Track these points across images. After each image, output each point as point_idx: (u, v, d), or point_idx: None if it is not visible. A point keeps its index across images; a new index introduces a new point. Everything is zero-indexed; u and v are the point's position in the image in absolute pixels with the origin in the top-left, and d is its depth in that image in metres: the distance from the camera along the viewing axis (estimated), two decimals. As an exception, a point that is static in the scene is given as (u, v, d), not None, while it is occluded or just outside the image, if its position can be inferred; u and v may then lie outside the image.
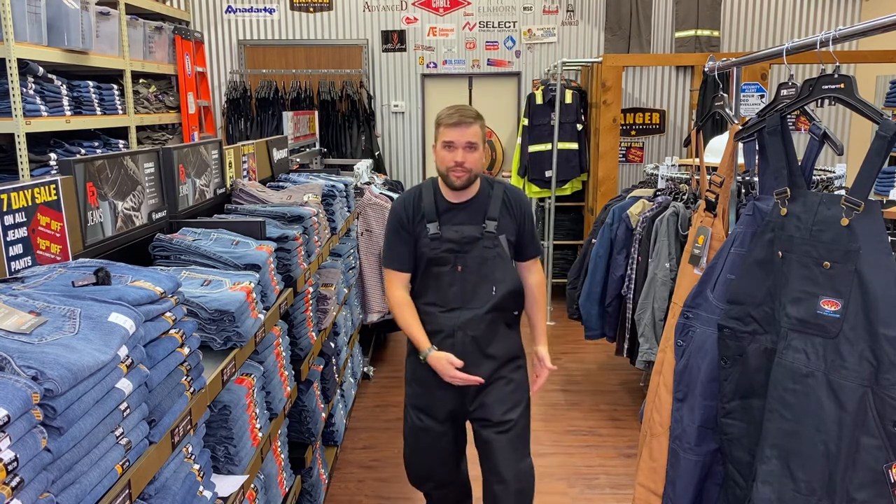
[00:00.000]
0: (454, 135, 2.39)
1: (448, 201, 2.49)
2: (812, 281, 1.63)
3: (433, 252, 2.46)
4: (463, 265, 2.46)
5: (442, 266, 2.47)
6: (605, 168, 5.87)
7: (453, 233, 2.46)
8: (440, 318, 2.48)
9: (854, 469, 1.54)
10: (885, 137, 1.51)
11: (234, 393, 1.95)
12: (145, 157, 2.25)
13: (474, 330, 2.46)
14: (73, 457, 1.09)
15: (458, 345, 2.46)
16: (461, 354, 2.44)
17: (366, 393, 4.56)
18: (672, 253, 3.62)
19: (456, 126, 2.39)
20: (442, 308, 2.49)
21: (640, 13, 6.60)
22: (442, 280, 2.48)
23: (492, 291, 2.47)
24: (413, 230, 2.50)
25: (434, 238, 2.46)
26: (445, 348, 2.45)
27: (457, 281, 2.47)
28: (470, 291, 2.47)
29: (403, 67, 6.85)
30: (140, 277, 1.48)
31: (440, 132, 2.43)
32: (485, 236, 2.46)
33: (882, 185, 5.20)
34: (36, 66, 4.01)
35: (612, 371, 4.91)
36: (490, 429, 2.49)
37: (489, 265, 2.47)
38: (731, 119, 2.40)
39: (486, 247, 2.47)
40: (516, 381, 2.54)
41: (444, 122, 2.42)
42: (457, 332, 2.46)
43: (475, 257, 2.46)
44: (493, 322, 2.49)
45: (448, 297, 2.48)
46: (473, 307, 2.47)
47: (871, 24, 1.62)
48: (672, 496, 2.10)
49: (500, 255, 2.49)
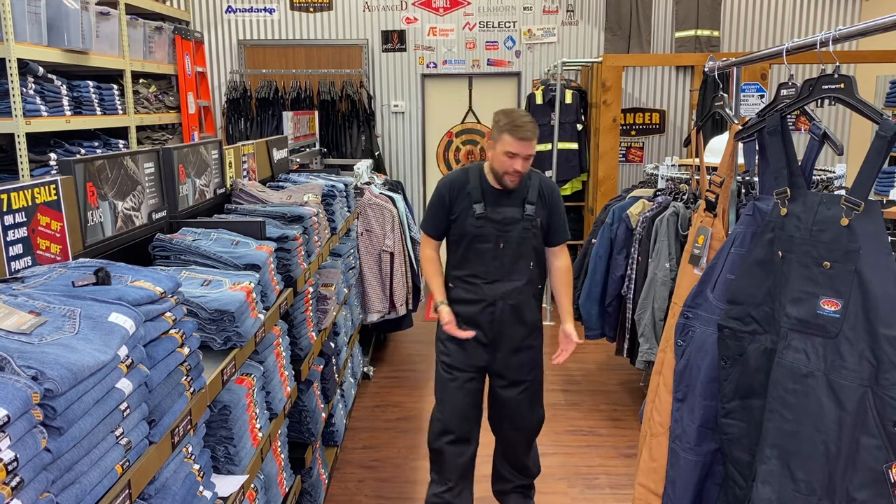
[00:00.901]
0: (518, 147, 2.65)
1: (493, 188, 2.81)
2: (812, 281, 1.63)
3: (478, 230, 2.79)
4: (505, 242, 2.79)
5: (485, 243, 2.79)
6: (605, 168, 5.87)
7: (497, 214, 2.78)
8: (483, 289, 2.81)
9: (854, 469, 1.54)
10: (885, 137, 1.51)
11: (234, 393, 1.95)
12: (145, 157, 2.25)
13: (513, 300, 2.81)
14: (73, 457, 1.09)
15: (498, 312, 2.81)
16: (500, 321, 2.81)
17: (366, 393, 4.56)
18: (672, 253, 3.62)
19: (521, 141, 2.64)
20: (485, 280, 2.81)
21: (640, 13, 6.60)
22: (485, 255, 2.80)
23: (529, 266, 2.83)
24: (452, 209, 2.82)
25: (480, 217, 2.78)
26: (486, 316, 2.81)
27: (499, 256, 2.79)
28: (509, 266, 2.80)
29: (403, 67, 6.85)
30: (140, 277, 1.48)
31: (504, 140, 2.66)
32: (524, 218, 2.79)
33: (882, 185, 5.20)
34: (36, 66, 4.01)
35: (612, 371, 4.91)
36: (509, 388, 2.90)
37: (527, 244, 2.81)
38: (731, 119, 2.39)
39: (525, 227, 2.80)
40: (536, 347, 2.93)
41: (512, 133, 2.65)
42: (498, 302, 2.81)
43: (515, 237, 2.79)
44: (527, 293, 2.84)
45: (491, 270, 2.80)
46: (514, 280, 2.81)
47: (871, 24, 1.62)
48: (672, 496, 2.10)
49: (535, 235, 2.83)
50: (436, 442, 2.94)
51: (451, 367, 2.88)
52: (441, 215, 2.85)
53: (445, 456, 2.92)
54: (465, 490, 2.97)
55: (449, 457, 2.91)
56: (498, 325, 2.82)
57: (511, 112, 2.71)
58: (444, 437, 2.91)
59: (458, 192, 2.82)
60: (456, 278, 2.87)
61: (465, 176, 2.84)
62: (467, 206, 2.79)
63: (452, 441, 2.90)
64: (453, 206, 2.82)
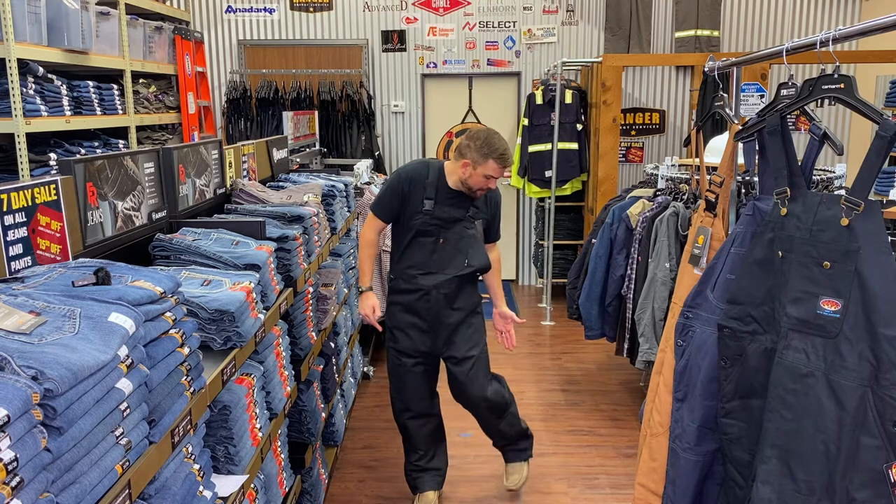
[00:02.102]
0: (499, 173, 2.95)
1: (448, 188, 3.02)
2: (812, 281, 1.63)
3: (423, 224, 3.00)
4: (445, 238, 3.03)
5: (427, 237, 3.02)
6: (605, 168, 5.87)
7: (443, 212, 3.00)
8: (419, 280, 3.05)
9: (854, 469, 1.54)
10: (885, 137, 1.51)
11: (234, 393, 1.95)
12: (145, 157, 2.25)
13: (446, 289, 3.05)
14: (73, 457, 1.09)
15: (432, 300, 3.05)
16: (435, 308, 3.06)
17: (366, 393, 4.56)
18: (672, 253, 3.62)
19: (504, 167, 2.95)
20: (422, 271, 3.05)
21: (640, 13, 6.59)
22: (425, 248, 3.03)
23: (464, 263, 3.06)
24: (405, 198, 3.01)
25: (427, 213, 2.99)
26: (423, 303, 3.06)
27: (438, 250, 3.03)
28: (447, 260, 3.04)
29: (403, 67, 6.84)
30: (140, 277, 1.48)
31: (489, 165, 2.91)
32: (466, 219, 3.04)
33: (882, 185, 5.20)
34: (36, 66, 4.01)
35: (612, 371, 4.91)
36: (458, 365, 3.11)
37: (465, 242, 3.06)
38: (731, 119, 2.39)
39: (466, 227, 3.05)
40: (475, 324, 3.16)
41: (499, 161, 2.92)
42: (432, 291, 3.04)
43: (455, 234, 3.04)
44: (460, 284, 3.08)
45: (429, 262, 3.04)
46: (447, 273, 3.04)
47: (871, 24, 1.61)
48: (672, 496, 2.10)
49: (474, 235, 3.09)
50: (399, 418, 3.24)
51: (400, 352, 3.13)
52: (395, 201, 3.03)
53: (410, 430, 3.23)
54: (436, 455, 3.29)
55: (413, 430, 3.23)
56: (434, 312, 3.06)
57: (492, 139, 2.93)
58: (405, 413, 3.21)
59: (415, 184, 3.01)
60: (397, 270, 3.10)
61: (426, 171, 3.03)
62: (419, 200, 3.00)
63: (413, 417, 3.21)
64: (408, 196, 3.01)
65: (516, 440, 3.37)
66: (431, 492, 3.25)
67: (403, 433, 3.27)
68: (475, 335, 3.15)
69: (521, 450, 3.40)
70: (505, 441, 3.35)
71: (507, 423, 3.29)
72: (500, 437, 3.33)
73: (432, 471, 3.27)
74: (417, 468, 3.26)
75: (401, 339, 3.12)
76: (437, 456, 3.30)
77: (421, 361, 3.14)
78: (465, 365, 3.11)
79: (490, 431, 3.32)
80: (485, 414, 3.23)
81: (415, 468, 3.27)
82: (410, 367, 3.13)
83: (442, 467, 3.32)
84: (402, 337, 3.11)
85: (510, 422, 3.30)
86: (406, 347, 3.11)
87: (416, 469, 3.27)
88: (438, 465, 3.30)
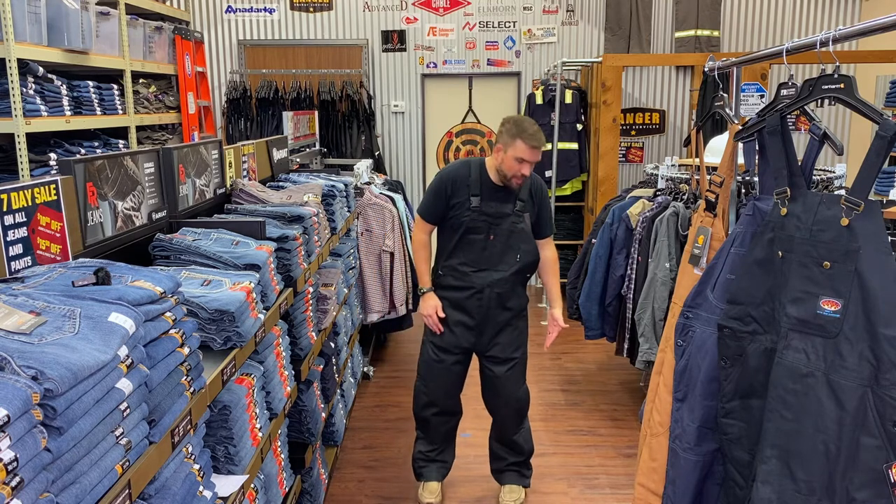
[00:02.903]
0: (529, 155, 2.89)
1: (492, 183, 3.01)
2: (812, 281, 1.63)
3: (472, 221, 3.00)
4: (495, 234, 3.01)
5: (477, 234, 3.01)
6: (605, 168, 5.87)
7: (491, 208, 3.00)
8: (472, 277, 3.04)
9: (854, 469, 1.54)
10: (885, 137, 1.51)
11: (234, 393, 1.95)
12: (145, 157, 2.25)
13: (500, 288, 3.04)
14: (73, 457, 1.09)
15: (485, 299, 3.04)
16: (486, 307, 3.04)
17: (366, 393, 4.56)
18: (672, 253, 3.62)
19: (534, 149, 2.89)
20: (474, 268, 3.04)
21: (640, 13, 6.59)
22: (475, 245, 3.02)
23: (516, 258, 3.04)
24: (451, 198, 3.02)
25: (475, 210, 2.99)
26: (474, 302, 3.04)
27: (489, 247, 3.02)
28: (498, 256, 3.03)
29: (403, 67, 6.84)
30: (140, 277, 1.48)
31: (517, 146, 2.87)
32: (514, 213, 3.02)
33: (882, 185, 5.20)
34: (36, 66, 4.01)
35: (612, 371, 4.91)
36: (499, 365, 3.11)
37: (515, 237, 3.03)
38: (731, 119, 2.39)
39: (514, 222, 3.02)
40: (520, 328, 3.16)
41: (527, 141, 2.87)
42: (485, 289, 3.03)
43: (505, 230, 3.01)
44: (513, 282, 3.06)
45: (480, 259, 3.03)
46: (501, 269, 3.03)
47: (871, 24, 1.61)
48: (672, 496, 2.10)
49: (524, 229, 3.05)
50: (422, 412, 3.23)
51: (440, 348, 3.11)
52: (440, 203, 3.04)
53: (431, 424, 3.24)
54: (447, 448, 3.32)
55: (434, 425, 3.23)
56: (484, 311, 3.05)
57: (522, 121, 2.93)
58: (430, 408, 3.20)
59: (459, 183, 3.02)
60: (446, 267, 3.08)
61: (467, 170, 3.04)
62: (465, 198, 3.00)
63: (437, 413, 3.21)
64: (452, 196, 3.02)
65: (525, 459, 3.30)
66: (435, 482, 3.29)
67: (422, 425, 3.27)
68: (520, 337, 3.15)
69: (524, 475, 3.33)
70: (515, 457, 3.28)
71: (522, 436, 3.26)
72: (513, 450, 3.26)
73: (440, 463, 3.31)
74: (427, 458, 3.29)
75: (444, 334, 3.10)
76: (448, 450, 3.33)
77: (459, 360, 3.14)
78: (506, 365, 3.11)
79: (506, 443, 3.26)
80: (510, 417, 3.19)
81: (424, 458, 3.30)
82: (449, 364, 3.12)
83: (449, 460, 3.35)
84: (447, 332, 3.09)
85: (525, 437, 3.28)
86: (448, 344, 3.10)
87: (424, 459, 3.29)
88: (447, 458, 3.33)
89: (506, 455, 3.29)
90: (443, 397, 3.17)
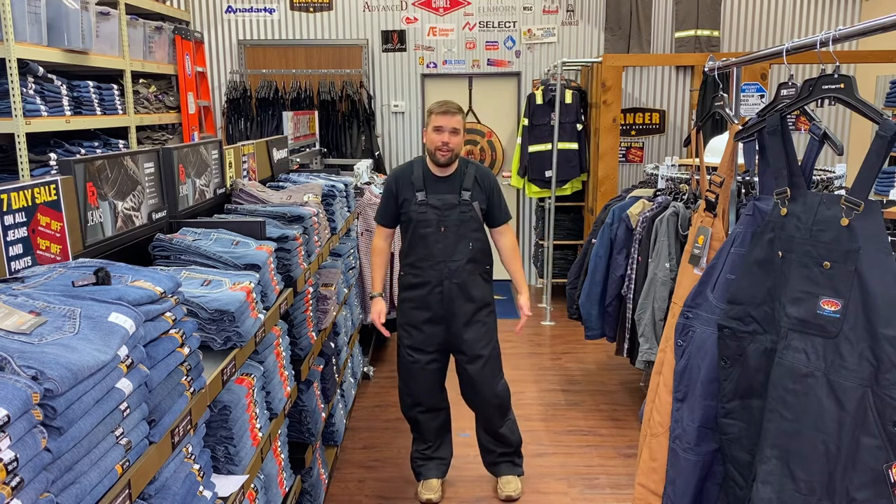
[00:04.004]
0: (442, 121, 3.00)
1: (433, 174, 3.10)
2: (812, 281, 1.63)
3: (421, 215, 3.07)
4: (445, 226, 3.07)
5: (428, 227, 3.07)
6: (605, 168, 5.87)
7: (437, 200, 3.07)
8: (429, 272, 3.10)
9: (854, 469, 1.54)
10: (885, 137, 1.51)
11: (234, 393, 1.95)
12: (145, 157, 2.25)
13: (458, 278, 3.09)
14: (73, 457, 1.09)
15: (445, 292, 3.10)
16: (448, 299, 3.09)
17: (366, 393, 4.56)
18: (672, 253, 3.62)
19: (444, 114, 3.01)
20: (430, 262, 3.09)
21: (640, 13, 6.59)
22: (429, 239, 3.08)
23: (469, 246, 3.09)
24: (399, 197, 3.12)
25: (421, 203, 3.07)
26: (435, 296, 3.10)
27: (441, 239, 3.07)
28: (452, 247, 3.08)
29: (403, 67, 6.84)
30: (140, 277, 1.48)
31: (431, 119, 3.05)
32: (461, 203, 3.08)
33: (882, 185, 5.20)
34: (36, 66, 4.01)
35: (612, 371, 4.91)
36: (469, 362, 3.16)
37: (465, 226, 3.09)
38: (731, 119, 2.39)
39: (463, 211, 3.08)
40: (489, 323, 3.20)
41: (435, 111, 3.04)
42: (444, 282, 3.09)
43: (454, 220, 3.07)
44: (471, 272, 3.11)
45: (434, 252, 3.08)
46: (456, 259, 3.08)
47: (871, 24, 1.61)
48: (672, 496, 2.10)
49: (473, 217, 3.10)
50: (409, 412, 3.31)
51: (413, 348, 3.18)
52: (391, 204, 3.16)
53: (421, 423, 3.31)
54: (443, 444, 3.37)
55: (424, 423, 3.30)
56: (447, 304, 3.10)
57: (438, 101, 3.09)
58: (415, 408, 3.28)
59: (402, 181, 3.13)
60: (406, 265, 3.17)
61: (410, 168, 3.16)
62: (411, 194, 3.09)
63: (424, 411, 3.28)
64: (399, 194, 3.12)
65: (515, 449, 3.37)
66: (435, 479, 3.31)
67: (413, 424, 3.34)
68: (489, 333, 3.19)
69: (517, 464, 3.38)
70: (504, 448, 3.34)
71: (508, 427, 3.31)
72: (501, 442, 3.32)
73: (437, 460, 3.35)
74: (424, 456, 3.34)
75: (414, 335, 3.17)
76: (443, 446, 3.37)
77: (434, 359, 3.19)
78: (478, 363, 3.16)
79: (492, 435, 3.31)
80: (491, 413, 3.25)
81: (421, 456, 3.35)
82: (424, 364, 3.18)
83: (447, 457, 3.39)
84: (416, 333, 3.16)
85: (511, 427, 3.33)
86: (419, 343, 3.16)
87: (422, 457, 3.34)
88: (444, 454, 3.37)
89: (494, 447, 3.35)
90: (425, 395, 3.24)
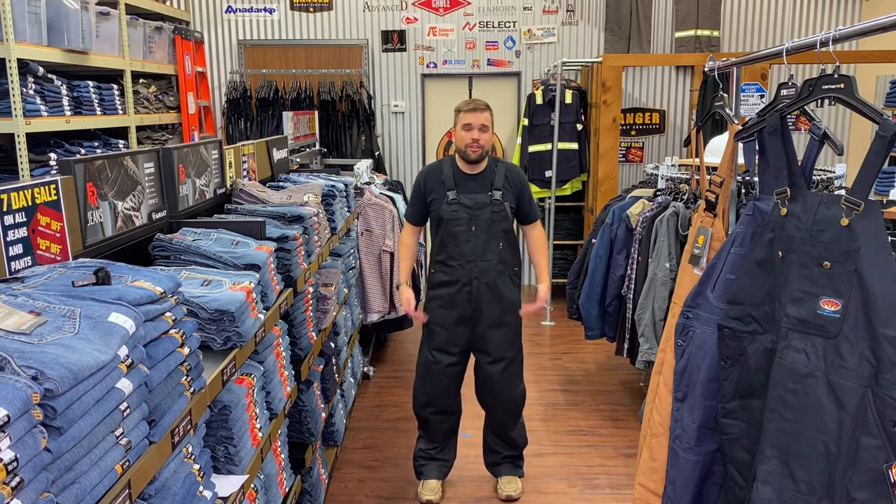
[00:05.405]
0: (471, 118, 3.04)
1: (463, 173, 3.11)
2: (812, 281, 1.63)
3: (452, 214, 3.07)
4: (476, 225, 3.07)
5: (458, 226, 3.07)
6: (605, 168, 5.87)
7: (468, 199, 3.07)
8: (459, 271, 3.09)
9: (854, 469, 1.54)
10: (885, 137, 1.51)
11: (234, 393, 1.95)
12: (145, 157, 2.25)
13: (487, 278, 3.08)
14: (73, 457, 1.09)
15: (474, 291, 3.09)
16: (477, 299, 3.08)
17: (366, 393, 4.56)
18: (672, 253, 3.62)
19: (472, 111, 3.05)
20: (460, 261, 3.08)
21: (640, 13, 6.59)
22: (459, 238, 3.07)
23: (499, 246, 3.09)
24: (428, 196, 3.13)
25: (452, 202, 3.07)
26: (464, 295, 3.09)
27: (471, 238, 3.07)
28: (482, 246, 3.07)
29: (403, 67, 6.84)
30: (140, 277, 1.48)
31: (460, 117, 3.07)
32: (492, 202, 3.08)
33: (882, 185, 5.20)
34: (36, 66, 4.01)
35: (612, 371, 4.91)
36: (491, 363, 3.15)
37: (496, 226, 3.08)
38: (731, 119, 2.39)
39: (494, 211, 3.08)
40: (514, 326, 3.18)
41: (463, 108, 3.07)
42: (473, 281, 3.08)
43: (485, 219, 3.07)
44: (501, 273, 3.10)
45: (465, 251, 3.07)
46: (486, 259, 3.08)
47: (871, 24, 1.61)
48: (672, 496, 2.10)
49: (504, 217, 3.11)
50: (421, 411, 3.28)
51: (436, 349, 3.16)
52: (419, 202, 3.18)
53: (431, 423, 3.29)
54: (448, 446, 3.36)
55: (434, 424, 3.28)
56: (476, 303, 3.09)
57: (466, 100, 3.13)
58: (428, 408, 3.25)
59: (433, 180, 3.13)
60: (436, 262, 3.15)
61: (440, 166, 3.17)
62: (442, 193, 3.09)
63: (436, 412, 3.26)
64: (429, 193, 3.13)
65: (520, 452, 3.39)
66: (435, 480, 3.31)
67: (422, 423, 3.32)
68: (514, 337, 3.19)
69: (518, 465, 3.40)
70: (510, 451, 3.35)
71: (518, 432, 3.32)
72: (508, 445, 3.33)
73: (440, 461, 3.34)
74: (427, 456, 3.33)
75: (439, 334, 3.15)
76: (448, 448, 3.36)
77: (455, 361, 3.18)
78: (500, 364, 3.15)
79: (501, 438, 3.32)
80: (505, 416, 3.25)
81: (425, 455, 3.33)
82: (444, 366, 3.16)
83: (450, 459, 3.38)
84: (442, 332, 3.14)
85: (521, 432, 3.34)
86: (444, 344, 3.15)
87: (425, 457, 3.33)
88: (447, 456, 3.36)
89: (500, 449, 3.35)
90: (440, 397, 3.21)
